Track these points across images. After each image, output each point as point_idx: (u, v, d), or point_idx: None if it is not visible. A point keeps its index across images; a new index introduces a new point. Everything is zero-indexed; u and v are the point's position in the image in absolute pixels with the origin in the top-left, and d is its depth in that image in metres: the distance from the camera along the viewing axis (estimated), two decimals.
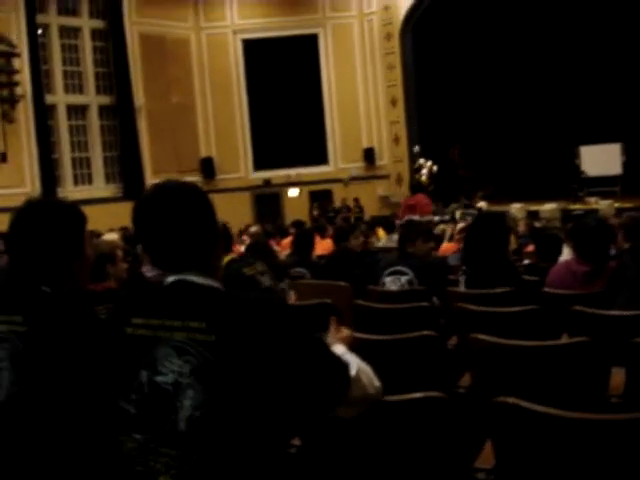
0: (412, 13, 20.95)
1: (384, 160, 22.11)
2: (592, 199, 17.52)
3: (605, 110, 20.07)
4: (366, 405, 1.80)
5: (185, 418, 1.57)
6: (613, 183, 19.22)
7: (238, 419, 1.55)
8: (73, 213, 2.08)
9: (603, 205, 16.05)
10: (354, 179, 21.88)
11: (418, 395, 1.98)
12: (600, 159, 19.53)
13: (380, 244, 10.00)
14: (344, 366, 1.72)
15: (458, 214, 13.88)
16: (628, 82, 19.91)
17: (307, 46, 21.96)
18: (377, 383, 1.84)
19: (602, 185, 18.64)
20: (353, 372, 1.73)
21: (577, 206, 17.04)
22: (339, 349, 1.83)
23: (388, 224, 11.50)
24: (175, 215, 1.70)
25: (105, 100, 19.70)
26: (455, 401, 2.09)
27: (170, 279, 1.72)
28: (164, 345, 1.62)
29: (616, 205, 16.13)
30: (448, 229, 9.68)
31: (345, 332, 2.09)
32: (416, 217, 9.27)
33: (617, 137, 19.71)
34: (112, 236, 8.02)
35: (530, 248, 6.73)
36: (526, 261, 6.24)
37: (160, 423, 1.59)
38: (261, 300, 1.68)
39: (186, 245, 1.71)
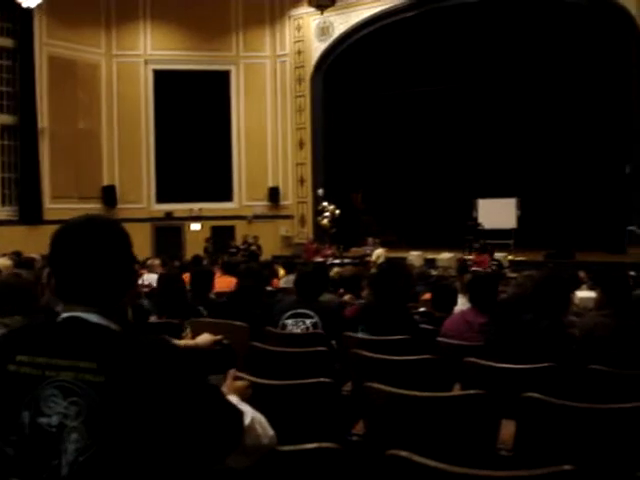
0: (323, 59, 21.36)
1: (288, 200, 22.23)
2: None
3: (503, 166, 20.99)
4: (259, 455, 1.77)
5: (68, 463, 1.48)
6: (508, 236, 19.94)
7: (124, 465, 1.47)
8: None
9: (498, 257, 16.56)
10: (257, 217, 21.88)
11: (311, 446, 1.96)
12: (496, 212, 20.26)
13: (280, 284, 9.98)
14: (238, 414, 1.68)
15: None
16: (526, 142, 20.94)
17: (219, 82, 21.99)
18: (271, 432, 1.81)
19: (497, 238, 19.28)
20: (247, 421, 1.69)
21: (472, 257, 17.53)
22: (233, 399, 1.78)
23: (288, 264, 11.51)
24: (94, 249, 1.64)
25: (7, 120, 19.12)
26: (348, 451, 2.06)
27: (63, 315, 1.64)
28: (49, 385, 1.53)
29: (510, 258, 16.72)
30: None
31: (241, 383, 2.06)
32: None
33: (513, 192, 20.54)
34: (4, 262, 7.69)
35: (426, 296, 6.83)
36: (421, 309, 6.33)
37: (41, 467, 1.50)
38: (155, 343, 1.61)
39: (95, 281, 1.64)
